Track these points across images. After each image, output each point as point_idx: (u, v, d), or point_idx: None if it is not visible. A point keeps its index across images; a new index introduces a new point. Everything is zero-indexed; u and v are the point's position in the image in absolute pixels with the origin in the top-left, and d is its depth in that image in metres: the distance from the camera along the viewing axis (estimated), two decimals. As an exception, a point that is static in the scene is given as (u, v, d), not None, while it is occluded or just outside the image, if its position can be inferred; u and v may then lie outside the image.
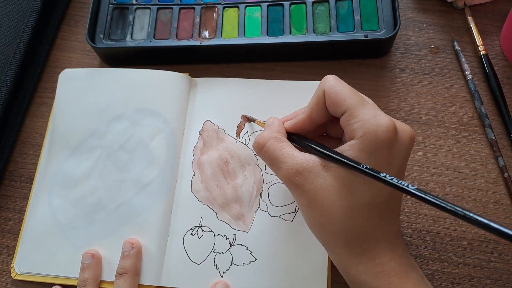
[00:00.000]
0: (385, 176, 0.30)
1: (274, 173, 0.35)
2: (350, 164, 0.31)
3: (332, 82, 0.34)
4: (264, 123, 0.40)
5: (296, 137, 0.36)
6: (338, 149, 0.33)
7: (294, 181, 0.33)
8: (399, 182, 0.29)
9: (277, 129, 0.36)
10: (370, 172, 0.30)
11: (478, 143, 0.45)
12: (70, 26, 0.54)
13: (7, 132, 0.48)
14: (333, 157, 0.32)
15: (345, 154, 0.32)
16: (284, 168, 0.33)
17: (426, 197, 0.28)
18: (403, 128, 0.33)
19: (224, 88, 0.47)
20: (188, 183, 0.43)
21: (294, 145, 0.35)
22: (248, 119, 0.45)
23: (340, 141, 0.36)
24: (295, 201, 0.35)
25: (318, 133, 0.38)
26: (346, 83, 0.34)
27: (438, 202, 0.27)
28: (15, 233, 0.44)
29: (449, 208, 0.27)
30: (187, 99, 0.47)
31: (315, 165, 0.33)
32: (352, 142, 0.32)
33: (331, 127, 0.38)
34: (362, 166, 0.30)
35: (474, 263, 0.41)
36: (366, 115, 0.32)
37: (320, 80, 0.46)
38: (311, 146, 0.34)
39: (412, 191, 0.28)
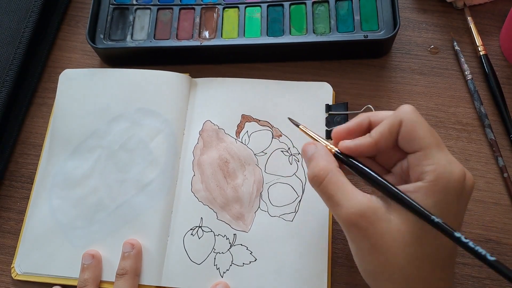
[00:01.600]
0: (460, 238, 0.28)
1: (330, 210, 0.33)
2: (424, 214, 0.29)
3: (412, 114, 0.32)
4: (311, 133, 0.36)
5: (352, 161, 0.33)
6: (402, 187, 0.31)
7: (357, 222, 0.30)
8: (477, 248, 0.27)
9: (332, 159, 0.33)
10: (445, 226, 0.28)
11: (478, 143, 0.45)
12: (71, 26, 0.54)
13: (7, 132, 0.48)
14: (405, 201, 0.30)
15: (410, 195, 0.30)
16: (346, 207, 0.30)
17: (503, 270, 0.27)
18: (468, 176, 0.31)
19: (224, 88, 0.47)
20: (188, 183, 0.43)
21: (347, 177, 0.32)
22: (292, 121, 0.39)
23: (388, 171, 0.35)
24: (351, 244, 0.32)
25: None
26: (423, 118, 0.32)
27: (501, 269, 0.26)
28: (16, 233, 0.44)
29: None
30: (187, 99, 0.47)
31: (379, 206, 0.30)
32: (419, 184, 0.30)
33: (382, 155, 0.35)
34: (434, 219, 0.28)
35: (474, 263, 0.41)
36: (441, 160, 0.30)
37: (320, 80, 0.47)
38: (374, 178, 0.32)
39: (491, 261, 0.27)
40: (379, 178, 0.31)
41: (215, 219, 0.42)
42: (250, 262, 0.41)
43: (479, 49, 0.48)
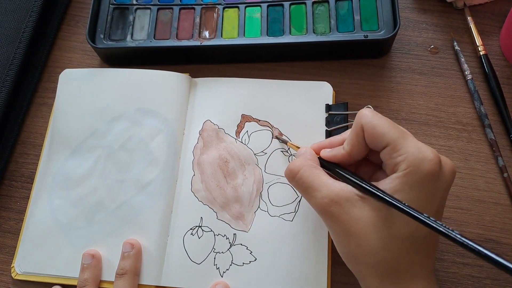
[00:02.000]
0: (428, 218, 0.29)
1: (307, 201, 0.34)
2: (388, 201, 0.30)
3: (369, 116, 0.33)
4: (297, 147, 0.41)
5: (330, 165, 0.36)
6: (379, 183, 0.32)
7: (329, 210, 0.32)
8: (443, 225, 0.28)
9: (310, 158, 0.36)
10: (411, 211, 0.29)
11: (478, 143, 0.45)
12: (71, 26, 0.54)
13: (7, 132, 0.48)
14: (371, 191, 0.31)
15: (386, 187, 0.31)
16: (319, 197, 0.32)
17: (469, 244, 0.27)
18: (445, 161, 0.32)
19: (224, 88, 0.47)
20: (188, 183, 0.43)
21: (328, 174, 0.34)
22: (281, 140, 0.44)
23: (381, 167, 0.35)
24: (328, 230, 0.34)
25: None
26: (382, 116, 0.34)
27: (482, 251, 0.27)
28: (16, 233, 0.44)
29: (494, 259, 0.26)
30: (187, 99, 0.47)
31: (351, 195, 0.32)
32: (394, 175, 0.31)
33: (372, 153, 0.36)
34: (403, 204, 0.29)
35: (474, 263, 0.41)
36: (409, 148, 0.31)
37: (320, 80, 0.47)
38: (347, 177, 0.33)
39: (455, 237, 0.27)
40: (349, 176, 0.33)
41: (215, 219, 0.42)
42: (250, 261, 0.41)
43: (479, 49, 0.48)
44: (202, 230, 0.42)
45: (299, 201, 0.42)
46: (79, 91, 0.47)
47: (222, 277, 0.40)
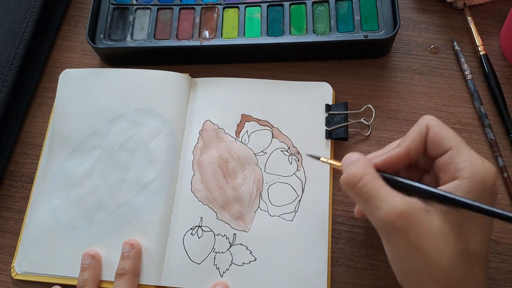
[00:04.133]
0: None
1: (368, 217, 0.32)
2: (473, 206, 0.29)
3: (436, 119, 0.33)
4: (335, 162, 0.37)
5: (390, 175, 0.33)
6: (440, 189, 0.31)
7: (397, 224, 0.29)
8: None
9: (369, 165, 0.33)
10: (499, 212, 0.28)
11: (478, 143, 0.45)
12: (70, 26, 0.54)
13: (7, 132, 0.48)
14: (447, 197, 0.30)
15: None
16: (386, 208, 0.30)
17: None
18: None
19: (224, 87, 0.47)
20: (188, 183, 0.43)
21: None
22: (313, 157, 0.40)
23: (424, 173, 0.35)
24: (389, 247, 0.32)
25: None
26: None
27: None
28: (16, 233, 0.44)
29: None
30: (187, 99, 0.47)
31: (419, 207, 0.30)
32: (457, 182, 0.30)
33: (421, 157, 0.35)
34: (489, 207, 0.28)
35: (473, 263, 0.41)
36: (473, 156, 0.30)
37: (320, 80, 0.47)
38: (414, 186, 0.31)
39: None
40: (416, 185, 0.31)
41: (215, 219, 0.42)
42: (250, 261, 0.41)
43: (479, 49, 0.48)
44: (202, 230, 0.42)
45: (299, 200, 0.42)
46: (79, 91, 0.47)
47: (222, 277, 0.40)
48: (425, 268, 0.30)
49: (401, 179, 0.32)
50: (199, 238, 0.42)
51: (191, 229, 0.42)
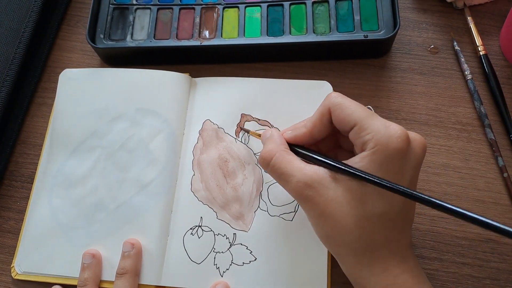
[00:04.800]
0: (395, 185, 0.30)
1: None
2: (359, 175, 0.31)
3: (337, 98, 0.34)
4: (259, 134, 0.40)
5: (301, 149, 0.36)
6: (348, 161, 0.32)
7: (304, 194, 0.32)
8: (416, 192, 0.29)
9: (280, 142, 0.36)
10: (380, 181, 0.30)
11: (478, 143, 0.45)
12: (70, 26, 0.54)
13: (7, 132, 0.48)
14: (343, 169, 0.32)
15: (355, 166, 0.32)
16: (293, 182, 0.33)
17: (442, 204, 0.28)
18: (414, 137, 0.33)
19: (224, 87, 0.47)
20: (188, 183, 0.43)
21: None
22: (244, 130, 0.44)
23: (352, 153, 0.36)
24: (306, 214, 0.34)
25: (330, 145, 0.38)
26: (349, 98, 0.34)
27: (456, 209, 0.28)
28: (16, 233, 0.44)
29: (469, 215, 0.28)
30: (187, 99, 0.47)
31: (324, 177, 0.32)
32: (363, 153, 0.32)
33: (342, 139, 0.38)
34: (372, 177, 0.30)
35: (473, 263, 0.41)
36: (376, 126, 0.31)
37: (320, 79, 0.47)
38: (318, 159, 0.34)
39: (426, 198, 0.29)
40: (319, 157, 0.33)
41: (215, 219, 0.42)
42: (250, 261, 0.41)
43: (479, 49, 0.48)
44: (202, 230, 0.42)
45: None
46: (79, 91, 0.47)
47: (222, 277, 0.40)
48: (332, 230, 0.32)
49: (307, 152, 0.35)
50: (199, 238, 0.42)
51: (191, 229, 0.42)
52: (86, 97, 0.47)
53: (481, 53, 0.48)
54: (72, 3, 0.55)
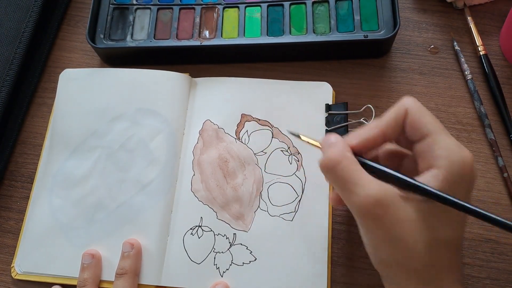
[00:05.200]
0: (484, 212, 0.28)
1: (345, 203, 0.31)
2: (445, 197, 0.29)
3: (416, 102, 0.32)
4: (315, 141, 0.36)
5: (368, 161, 0.32)
6: (418, 179, 0.30)
7: (373, 211, 0.29)
8: (500, 218, 0.28)
9: (346, 148, 0.32)
10: (468, 206, 0.29)
11: (478, 143, 0.45)
12: (70, 26, 0.54)
13: (7, 132, 0.48)
14: (422, 188, 0.29)
15: (427, 184, 0.29)
16: (362, 194, 0.29)
17: None
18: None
19: (224, 87, 0.47)
20: (188, 183, 0.43)
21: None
22: (292, 134, 0.38)
23: (403, 158, 0.35)
24: (365, 233, 0.31)
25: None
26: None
27: None
28: (16, 233, 0.44)
29: None
30: (187, 99, 0.47)
31: (395, 195, 0.30)
32: (434, 171, 0.30)
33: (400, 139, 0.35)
34: (459, 200, 0.29)
35: (474, 263, 0.41)
36: (450, 144, 0.30)
37: (320, 80, 0.47)
38: (390, 174, 0.31)
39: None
40: (393, 173, 0.31)
41: (215, 219, 0.42)
42: (250, 261, 0.41)
43: (479, 49, 0.48)
44: (202, 230, 0.42)
45: (299, 200, 0.42)
46: (79, 91, 0.47)
47: (222, 277, 0.40)
48: (397, 254, 0.30)
49: (378, 166, 0.31)
50: (199, 238, 0.42)
51: (191, 229, 0.42)
52: (86, 97, 0.47)
53: (481, 53, 0.48)
54: (72, 3, 0.55)
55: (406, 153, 0.35)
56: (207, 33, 0.49)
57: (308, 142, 0.36)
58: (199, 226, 0.42)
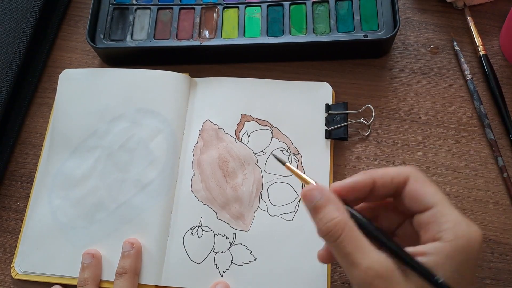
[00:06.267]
0: None
1: (343, 266, 0.30)
2: (433, 280, 0.28)
3: (418, 172, 0.31)
4: (296, 170, 0.33)
5: (371, 227, 0.30)
6: (419, 249, 0.29)
7: (373, 284, 0.28)
8: None
9: (343, 208, 0.30)
10: None
11: (478, 143, 0.45)
12: (70, 26, 0.54)
13: (7, 132, 0.48)
14: (422, 270, 0.28)
15: (428, 258, 0.28)
16: (363, 267, 0.28)
17: None
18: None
19: (224, 87, 0.47)
20: (188, 183, 0.43)
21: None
22: (277, 159, 0.35)
23: (404, 217, 0.33)
24: None
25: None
26: None
27: None
28: (16, 233, 0.44)
29: None
30: (187, 99, 0.47)
31: (395, 269, 0.28)
32: (438, 244, 0.28)
33: (384, 215, 0.34)
34: (443, 281, 0.27)
35: (473, 262, 0.41)
36: (457, 218, 0.29)
37: (320, 80, 0.47)
38: (390, 248, 0.30)
39: None
40: (390, 245, 0.30)
41: (215, 219, 0.42)
42: (250, 261, 0.41)
43: (479, 49, 0.48)
44: (202, 230, 0.42)
45: (299, 200, 0.42)
46: (79, 91, 0.47)
47: (222, 277, 0.40)
48: None
49: (381, 236, 0.30)
50: (199, 238, 0.42)
51: (191, 229, 0.42)
52: (86, 97, 0.47)
53: (481, 53, 0.48)
54: (72, 3, 0.55)
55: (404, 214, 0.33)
56: (207, 33, 0.49)
57: (293, 172, 0.33)
58: (199, 226, 0.42)
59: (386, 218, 0.34)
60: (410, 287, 0.28)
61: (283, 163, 0.34)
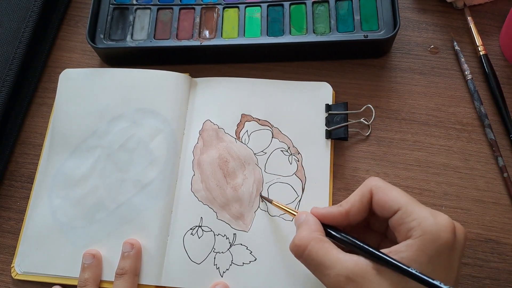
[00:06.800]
0: (440, 285, 0.28)
1: (309, 270, 0.32)
2: (407, 271, 0.29)
3: (379, 181, 0.33)
4: (294, 213, 0.37)
5: (337, 233, 0.33)
6: (393, 249, 0.30)
7: None
8: None
9: (315, 227, 0.33)
10: (427, 279, 0.28)
11: (478, 143, 0.45)
12: (71, 26, 0.54)
13: (7, 132, 0.48)
14: (391, 262, 0.29)
15: (400, 255, 0.29)
16: (333, 275, 0.30)
17: None
18: (458, 227, 0.31)
19: (224, 87, 0.47)
20: (188, 183, 0.43)
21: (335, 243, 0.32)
22: (264, 199, 0.42)
23: (384, 236, 0.35)
24: None
25: (359, 227, 0.36)
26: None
27: None
28: (16, 233, 0.44)
29: None
30: (187, 99, 0.47)
31: (367, 269, 0.30)
32: (409, 241, 0.30)
33: (373, 221, 0.36)
34: (417, 272, 0.28)
35: (474, 263, 0.41)
36: (423, 213, 0.30)
37: (320, 80, 0.47)
38: (360, 247, 0.31)
39: None
40: (360, 245, 0.31)
41: (215, 219, 0.42)
42: (250, 261, 0.41)
43: (479, 49, 0.48)
44: (202, 230, 0.42)
45: (299, 200, 0.42)
46: (79, 91, 0.47)
47: (222, 277, 0.40)
48: None
49: (347, 238, 0.32)
50: (199, 238, 0.42)
51: (191, 229, 0.42)
52: (86, 97, 0.47)
53: (481, 53, 0.48)
54: (72, 3, 0.55)
55: (381, 232, 0.35)
56: (207, 33, 0.49)
57: (280, 208, 0.39)
58: (199, 226, 0.42)
59: (377, 222, 0.35)
60: (384, 283, 0.29)
61: (270, 202, 0.40)
